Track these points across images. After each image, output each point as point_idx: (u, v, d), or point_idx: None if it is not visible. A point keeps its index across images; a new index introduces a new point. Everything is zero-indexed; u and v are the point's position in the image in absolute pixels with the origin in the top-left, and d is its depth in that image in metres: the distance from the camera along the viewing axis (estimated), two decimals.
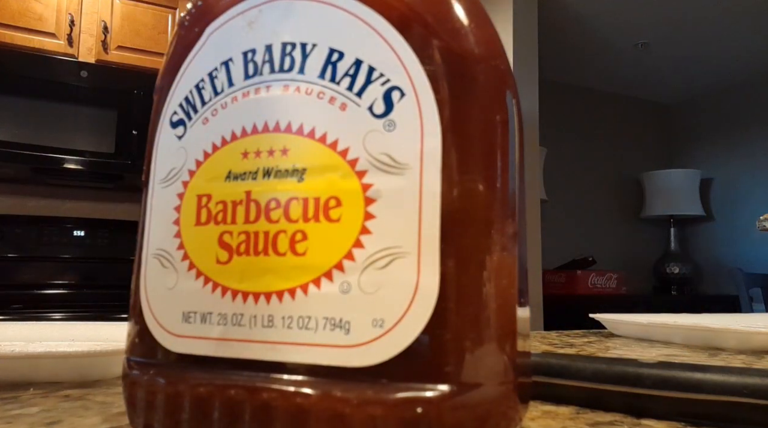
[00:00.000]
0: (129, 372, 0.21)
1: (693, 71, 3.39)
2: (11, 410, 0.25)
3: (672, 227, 3.44)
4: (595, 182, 3.57)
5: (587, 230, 3.39)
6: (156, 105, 0.23)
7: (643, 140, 3.79)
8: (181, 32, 0.23)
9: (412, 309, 0.17)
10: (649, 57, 3.19)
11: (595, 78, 3.52)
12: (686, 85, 3.59)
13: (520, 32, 2.43)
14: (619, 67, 3.34)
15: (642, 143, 3.79)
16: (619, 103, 3.74)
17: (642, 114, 3.82)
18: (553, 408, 0.27)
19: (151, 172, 0.22)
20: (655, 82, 3.55)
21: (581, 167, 3.52)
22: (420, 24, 0.19)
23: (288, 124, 0.19)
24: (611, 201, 3.61)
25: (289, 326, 0.18)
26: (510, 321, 0.19)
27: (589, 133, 3.59)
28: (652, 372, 0.25)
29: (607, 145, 3.65)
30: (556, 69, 3.28)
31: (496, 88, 0.19)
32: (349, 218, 0.18)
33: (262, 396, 0.18)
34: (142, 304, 0.21)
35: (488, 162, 0.19)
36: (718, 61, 3.24)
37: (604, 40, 3.01)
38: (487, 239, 0.18)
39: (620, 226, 3.54)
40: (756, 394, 0.23)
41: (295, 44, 0.20)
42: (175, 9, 2.26)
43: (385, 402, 0.16)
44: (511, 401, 0.18)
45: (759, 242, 3.13)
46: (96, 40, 2.11)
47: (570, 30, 2.89)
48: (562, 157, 3.36)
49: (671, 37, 2.96)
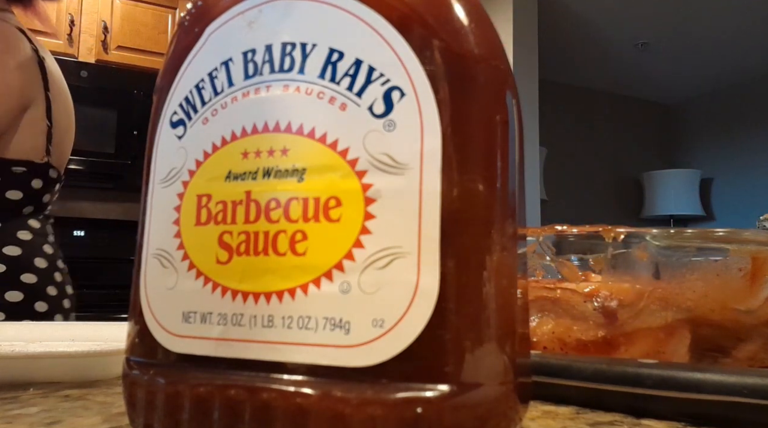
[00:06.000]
0: (129, 372, 0.21)
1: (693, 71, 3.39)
2: (11, 410, 0.25)
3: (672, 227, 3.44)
4: (595, 182, 3.57)
5: None
6: (156, 105, 0.23)
7: (643, 140, 3.79)
8: (181, 32, 0.23)
9: (412, 309, 0.17)
10: (649, 57, 3.19)
11: (595, 78, 3.52)
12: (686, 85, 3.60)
13: (520, 32, 2.43)
14: (619, 67, 3.34)
15: (642, 143, 3.79)
16: (619, 103, 3.74)
17: (642, 114, 3.82)
18: (553, 408, 0.27)
19: (151, 172, 0.22)
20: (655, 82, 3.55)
21: (581, 167, 3.52)
22: (420, 24, 0.19)
23: (288, 124, 0.19)
24: (611, 201, 3.61)
25: (289, 326, 0.18)
26: (510, 321, 0.19)
27: (589, 133, 3.59)
28: (652, 372, 0.25)
29: (607, 145, 3.65)
30: (556, 69, 3.28)
31: (496, 88, 0.19)
32: (349, 218, 0.18)
33: (262, 396, 0.18)
34: (142, 304, 0.21)
35: (488, 162, 0.19)
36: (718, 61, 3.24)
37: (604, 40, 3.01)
38: (487, 239, 0.18)
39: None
40: (756, 394, 0.23)
41: (295, 44, 0.20)
42: (175, 9, 2.26)
43: (385, 402, 0.17)
44: (511, 401, 0.18)
45: None
46: (96, 40, 2.11)
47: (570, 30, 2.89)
48: (562, 157, 3.36)
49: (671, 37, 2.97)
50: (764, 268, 0.33)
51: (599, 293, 0.33)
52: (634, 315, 0.33)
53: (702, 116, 3.72)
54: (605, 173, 3.62)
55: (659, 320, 0.33)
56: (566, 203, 3.36)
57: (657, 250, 0.33)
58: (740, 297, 0.33)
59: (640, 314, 0.33)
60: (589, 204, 3.49)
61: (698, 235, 0.35)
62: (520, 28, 2.41)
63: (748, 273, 0.33)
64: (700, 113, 3.73)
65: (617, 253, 0.34)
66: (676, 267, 0.33)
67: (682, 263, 0.33)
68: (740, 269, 0.33)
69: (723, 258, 0.34)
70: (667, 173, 3.47)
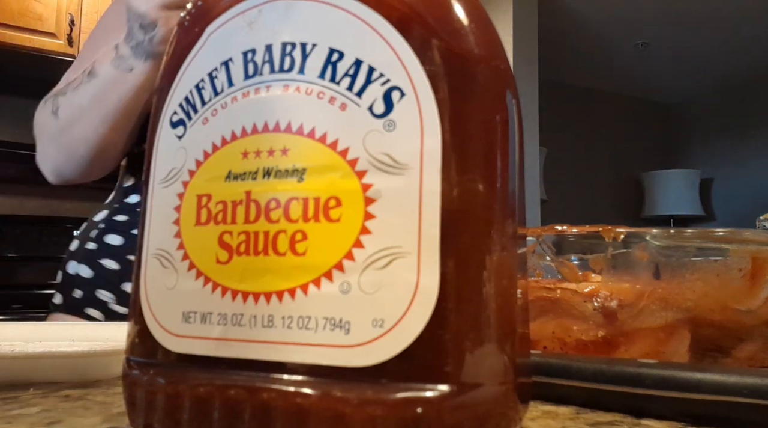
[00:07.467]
0: (129, 372, 0.21)
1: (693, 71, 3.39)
2: (11, 410, 0.25)
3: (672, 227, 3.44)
4: (595, 182, 3.57)
5: None
6: (156, 105, 0.23)
7: (643, 140, 3.79)
8: (181, 32, 0.23)
9: (412, 309, 0.17)
10: (649, 57, 3.19)
11: (595, 78, 3.52)
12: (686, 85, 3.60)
13: (520, 32, 2.43)
14: (619, 67, 3.34)
15: (642, 143, 3.79)
16: (619, 103, 3.74)
17: (642, 114, 3.82)
18: (553, 408, 0.27)
19: (151, 172, 0.22)
20: (655, 82, 3.55)
21: (581, 167, 3.52)
22: (420, 24, 0.19)
23: (288, 124, 0.19)
24: (611, 201, 3.61)
25: (289, 326, 0.18)
26: (510, 320, 0.19)
27: (589, 133, 3.59)
28: (652, 372, 0.25)
29: (607, 145, 3.65)
30: (556, 69, 3.28)
31: (496, 88, 0.19)
32: (349, 218, 0.18)
33: (262, 396, 0.18)
34: (142, 304, 0.21)
35: (488, 162, 0.19)
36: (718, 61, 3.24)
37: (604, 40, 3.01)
38: (487, 239, 0.18)
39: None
40: (756, 394, 0.23)
41: (295, 44, 0.20)
42: None
43: (385, 402, 0.17)
44: (511, 401, 0.18)
45: None
46: None
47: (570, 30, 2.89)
48: (562, 157, 3.36)
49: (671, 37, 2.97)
50: (764, 268, 0.33)
51: (599, 293, 0.33)
52: (634, 315, 0.33)
53: (702, 116, 3.72)
54: (605, 173, 3.62)
55: (659, 320, 0.33)
56: (566, 203, 3.36)
57: (657, 250, 0.33)
58: (740, 297, 0.33)
59: (640, 315, 0.33)
60: (589, 204, 3.49)
61: (698, 235, 0.35)
62: (520, 28, 2.41)
63: (748, 273, 0.33)
64: (700, 113, 3.73)
65: (617, 253, 0.34)
66: (676, 267, 0.33)
67: (682, 263, 0.33)
68: (740, 269, 0.33)
69: (723, 258, 0.34)
70: (667, 173, 3.47)
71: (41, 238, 1.99)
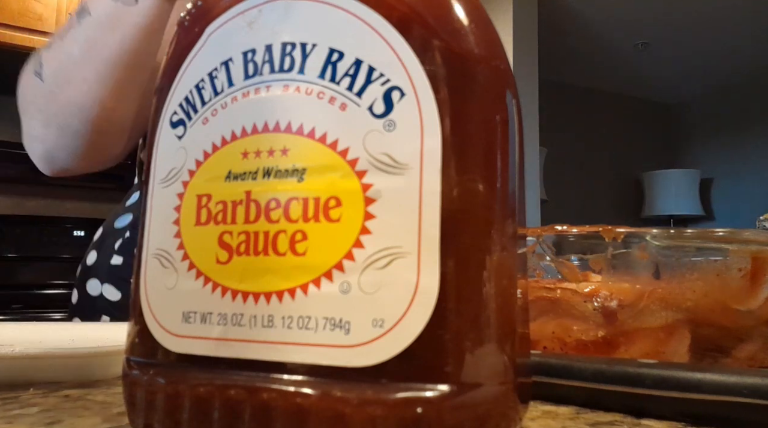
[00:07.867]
0: (129, 372, 0.21)
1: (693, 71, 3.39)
2: (11, 410, 0.25)
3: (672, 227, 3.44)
4: (595, 182, 3.57)
5: None
6: (156, 105, 0.23)
7: (643, 140, 3.79)
8: (181, 32, 0.23)
9: (412, 309, 0.17)
10: (649, 57, 3.19)
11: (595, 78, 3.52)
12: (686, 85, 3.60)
13: (520, 32, 2.43)
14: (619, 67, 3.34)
15: (642, 143, 3.79)
16: (619, 103, 3.74)
17: (642, 114, 3.82)
18: (553, 408, 0.27)
19: (151, 172, 0.22)
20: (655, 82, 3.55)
21: (581, 167, 3.52)
22: (420, 24, 0.19)
23: (288, 124, 0.19)
24: (611, 201, 3.61)
25: (289, 326, 0.18)
26: (510, 320, 0.19)
27: (589, 133, 3.59)
28: (652, 371, 0.25)
29: (607, 145, 3.65)
30: (556, 69, 3.28)
31: (496, 89, 0.19)
32: (349, 218, 0.18)
33: (262, 396, 0.18)
34: (142, 304, 0.21)
35: (488, 162, 0.19)
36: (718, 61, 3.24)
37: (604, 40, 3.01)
38: (487, 239, 0.18)
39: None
40: (756, 394, 0.23)
41: (295, 44, 0.20)
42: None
43: (385, 402, 0.17)
44: (511, 401, 0.18)
45: None
46: None
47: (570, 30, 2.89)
48: (562, 157, 3.36)
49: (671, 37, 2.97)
50: (764, 268, 0.33)
51: (599, 293, 0.33)
52: (634, 315, 0.33)
53: (702, 116, 3.72)
54: (605, 173, 3.62)
55: (659, 320, 0.33)
56: (566, 203, 3.36)
57: (657, 250, 0.33)
58: (740, 297, 0.33)
59: (640, 315, 0.33)
60: (589, 204, 3.49)
61: (698, 235, 0.35)
62: (520, 28, 2.41)
63: (748, 273, 0.33)
64: (700, 113, 3.73)
65: (617, 253, 0.34)
66: (676, 267, 0.33)
67: (682, 263, 0.33)
68: (740, 269, 0.33)
69: (723, 258, 0.34)
70: (667, 173, 3.47)
71: (41, 238, 1.99)
